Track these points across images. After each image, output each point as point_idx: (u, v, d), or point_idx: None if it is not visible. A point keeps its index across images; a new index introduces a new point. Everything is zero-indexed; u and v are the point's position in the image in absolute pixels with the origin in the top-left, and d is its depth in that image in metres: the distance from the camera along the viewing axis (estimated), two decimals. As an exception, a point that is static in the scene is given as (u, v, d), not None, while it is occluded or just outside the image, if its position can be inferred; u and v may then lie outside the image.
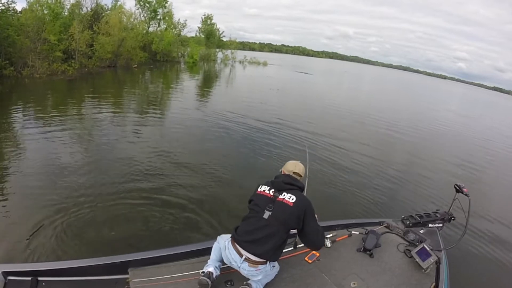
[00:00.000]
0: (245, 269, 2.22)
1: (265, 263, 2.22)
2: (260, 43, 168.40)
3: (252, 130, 9.52)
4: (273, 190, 2.28)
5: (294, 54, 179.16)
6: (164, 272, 2.42)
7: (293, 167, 2.42)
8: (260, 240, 2.16)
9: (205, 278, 2.17)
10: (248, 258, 2.18)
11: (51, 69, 16.73)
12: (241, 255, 2.20)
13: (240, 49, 74.20)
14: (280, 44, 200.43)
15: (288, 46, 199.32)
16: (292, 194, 2.22)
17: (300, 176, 2.41)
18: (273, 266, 2.33)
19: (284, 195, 2.23)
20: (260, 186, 2.36)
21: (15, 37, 15.37)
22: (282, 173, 2.44)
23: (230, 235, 2.45)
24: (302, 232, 2.27)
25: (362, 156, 8.39)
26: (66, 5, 22.01)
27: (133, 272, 2.40)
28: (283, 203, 2.19)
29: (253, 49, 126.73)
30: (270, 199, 2.24)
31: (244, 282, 2.25)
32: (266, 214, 2.18)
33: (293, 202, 2.19)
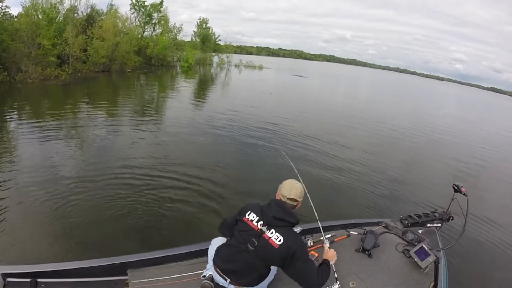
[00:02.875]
0: None
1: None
2: (257, 46, 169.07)
3: (242, 134, 9.48)
4: (261, 222, 2.01)
5: (291, 57, 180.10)
6: (163, 273, 2.42)
7: (287, 191, 2.08)
8: (241, 272, 2.06)
9: (208, 282, 2.16)
10: (233, 282, 2.12)
11: (44, 74, 16.62)
12: (225, 278, 2.13)
13: (238, 53, 74.53)
14: (277, 47, 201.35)
15: (285, 49, 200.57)
16: (281, 234, 1.96)
17: (297, 201, 2.10)
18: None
19: (272, 233, 1.97)
20: (249, 212, 2.09)
21: (9, 42, 15.27)
22: (277, 197, 2.14)
23: (224, 239, 2.44)
24: (289, 271, 2.04)
25: (360, 157, 8.43)
26: (61, 10, 22.05)
27: (132, 273, 2.39)
28: (268, 243, 1.96)
29: (251, 53, 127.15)
30: (256, 232, 2.00)
31: None
32: (249, 249, 1.99)
33: (279, 244, 1.94)
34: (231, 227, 2.21)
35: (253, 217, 2.05)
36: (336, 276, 2.39)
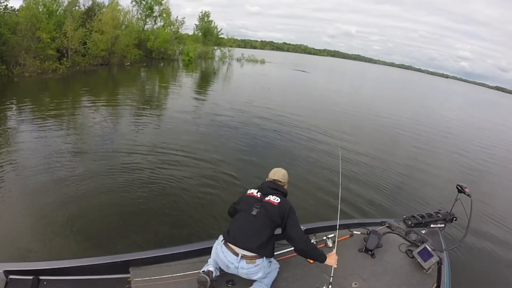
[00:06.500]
0: (243, 268, 2.24)
1: (261, 257, 2.28)
2: (261, 41, 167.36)
3: (241, 128, 9.44)
4: (260, 193, 2.51)
5: (295, 52, 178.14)
6: (166, 271, 2.42)
7: (272, 174, 2.71)
8: (252, 235, 2.30)
9: (204, 275, 2.20)
10: (244, 255, 2.25)
11: (42, 68, 16.49)
12: (236, 254, 2.25)
13: (242, 47, 74.09)
14: (281, 42, 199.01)
15: (289, 44, 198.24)
16: (277, 196, 2.47)
17: (281, 181, 2.65)
18: (270, 262, 2.39)
19: (269, 197, 2.46)
20: (249, 190, 2.59)
21: (8, 36, 15.17)
22: (267, 180, 2.70)
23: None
24: (285, 231, 2.42)
25: (363, 156, 8.35)
26: (63, 2, 21.84)
27: (134, 271, 2.40)
28: (269, 203, 2.42)
29: (255, 47, 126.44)
30: (257, 199, 2.46)
31: None
32: (255, 211, 2.38)
33: (277, 202, 2.42)
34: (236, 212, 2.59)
35: (253, 191, 2.55)
36: (330, 281, 2.36)
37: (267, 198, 2.46)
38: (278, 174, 2.70)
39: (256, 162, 6.89)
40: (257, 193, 2.52)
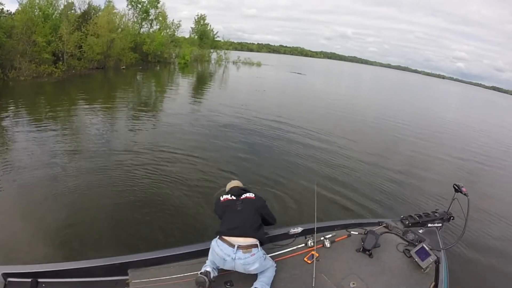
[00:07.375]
0: (240, 258, 2.30)
1: (256, 246, 2.38)
2: (258, 43, 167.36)
3: (236, 130, 9.47)
4: (233, 196, 2.76)
5: (292, 54, 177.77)
6: (164, 273, 2.43)
7: (230, 184, 3.07)
8: (244, 222, 2.49)
9: (203, 276, 2.24)
10: (240, 245, 2.34)
11: (37, 72, 16.43)
12: (232, 245, 2.33)
13: (238, 50, 74.20)
14: (278, 44, 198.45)
15: (286, 46, 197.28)
16: (251, 193, 2.80)
17: (239, 186, 3.03)
18: (265, 254, 2.46)
19: (245, 194, 2.76)
20: (221, 196, 2.83)
21: (4, 39, 15.13)
22: (227, 190, 2.97)
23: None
24: (266, 213, 2.77)
25: (360, 156, 8.38)
26: (59, 6, 21.85)
27: (133, 273, 2.40)
28: (247, 198, 2.72)
29: (251, 50, 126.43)
30: (235, 200, 2.72)
31: None
32: (239, 207, 2.63)
33: (254, 196, 2.76)
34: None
35: (227, 196, 2.77)
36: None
37: (243, 196, 2.74)
38: (234, 183, 3.10)
39: (254, 161, 6.97)
40: (230, 196, 2.76)
